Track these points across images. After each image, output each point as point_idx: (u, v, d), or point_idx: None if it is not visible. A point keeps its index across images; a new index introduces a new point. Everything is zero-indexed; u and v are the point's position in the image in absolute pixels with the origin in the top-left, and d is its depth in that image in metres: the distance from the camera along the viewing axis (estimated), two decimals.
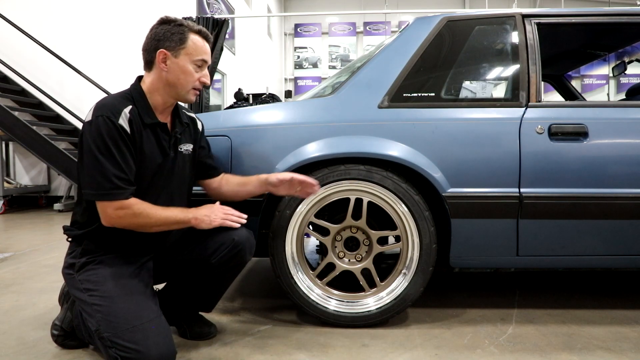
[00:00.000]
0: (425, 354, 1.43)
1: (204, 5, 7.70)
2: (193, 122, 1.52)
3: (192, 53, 1.33)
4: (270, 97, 5.97)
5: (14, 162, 5.54)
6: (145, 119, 1.33)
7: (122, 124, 1.27)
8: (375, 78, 1.67)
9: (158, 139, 1.37)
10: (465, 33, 1.72)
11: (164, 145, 1.38)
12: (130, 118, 1.29)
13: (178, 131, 1.42)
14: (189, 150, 1.47)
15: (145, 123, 1.33)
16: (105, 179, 1.23)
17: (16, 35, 5.16)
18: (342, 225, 1.66)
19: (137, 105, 1.34)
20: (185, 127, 1.47)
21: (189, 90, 1.35)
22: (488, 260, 1.63)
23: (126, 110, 1.29)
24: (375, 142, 1.58)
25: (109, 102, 1.30)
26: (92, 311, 1.25)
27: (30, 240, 3.31)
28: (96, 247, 1.35)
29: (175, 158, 1.42)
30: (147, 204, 1.30)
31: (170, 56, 1.33)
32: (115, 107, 1.29)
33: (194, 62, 1.34)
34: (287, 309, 1.82)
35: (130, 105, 1.32)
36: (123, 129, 1.27)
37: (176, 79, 1.34)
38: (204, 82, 1.37)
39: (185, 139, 1.46)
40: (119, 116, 1.27)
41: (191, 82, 1.35)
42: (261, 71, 11.72)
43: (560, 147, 1.57)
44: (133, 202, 1.27)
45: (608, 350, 1.45)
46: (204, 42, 1.37)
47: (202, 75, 1.36)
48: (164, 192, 1.42)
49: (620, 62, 2.73)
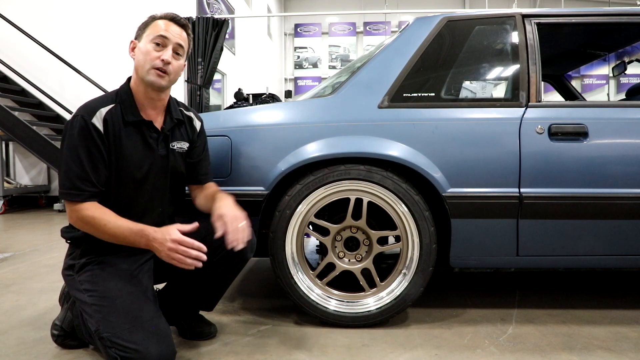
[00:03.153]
0: (425, 354, 1.43)
1: (204, 5, 7.70)
2: (189, 120, 1.51)
3: (150, 33, 1.34)
4: (270, 97, 5.97)
5: (14, 162, 5.54)
6: (127, 116, 1.34)
7: (95, 123, 1.28)
8: (375, 78, 1.67)
9: (144, 137, 1.36)
10: (465, 33, 1.72)
11: (150, 143, 1.37)
12: (105, 118, 1.30)
13: (166, 128, 1.41)
14: (183, 148, 1.46)
15: (126, 121, 1.33)
16: (67, 179, 1.26)
17: (16, 35, 5.16)
18: (342, 225, 1.66)
19: (122, 104, 1.35)
20: (178, 125, 1.45)
21: (148, 69, 1.32)
22: (488, 260, 1.63)
23: (103, 110, 1.30)
24: (375, 142, 1.58)
25: (89, 103, 1.33)
26: (92, 311, 1.25)
27: (30, 240, 3.31)
28: (95, 247, 1.35)
29: (167, 156, 1.41)
30: (105, 213, 1.27)
31: (137, 43, 1.37)
32: (93, 107, 1.31)
33: (152, 41, 1.33)
34: (287, 309, 1.82)
35: (111, 105, 1.33)
36: (95, 128, 1.28)
37: (138, 61, 1.35)
38: (165, 60, 1.32)
39: (179, 136, 1.45)
40: (93, 116, 1.28)
41: (149, 60, 1.32)
42: (261, 71, 11.72)
43: (560, 147, 1.57)
44: (85, 206, 1.26)
45: (608, 350, 1.45)
46: (168, 23, 1.35)
47: (162, 54, 1.32)
48: (159, 192, 1.42)
49: (620, 62, 2.73)
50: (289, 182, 1.62)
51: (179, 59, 1.37)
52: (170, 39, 1.34)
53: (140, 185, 1.37)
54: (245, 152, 1.62)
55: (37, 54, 5.25)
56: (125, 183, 1.34)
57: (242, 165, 1.62)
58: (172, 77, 1.36)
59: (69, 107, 5.21)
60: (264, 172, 1.59)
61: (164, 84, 1.34)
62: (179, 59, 1.37)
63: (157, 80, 1.32)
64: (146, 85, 1.35)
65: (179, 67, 1.38)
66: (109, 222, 1.26)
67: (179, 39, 1.36)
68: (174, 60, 1.35)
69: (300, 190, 1.58)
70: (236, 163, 1.62)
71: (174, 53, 1.35)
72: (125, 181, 1.34)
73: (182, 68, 1.41)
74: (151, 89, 1.35)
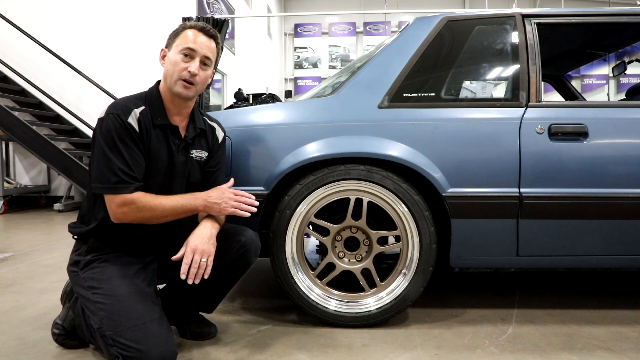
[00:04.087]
0: (425, 354, 1.43)
1: (204, 5, 7.70)
2: (212, 130, 1.51)
3: (179, 44, 1.35)
4: (270, 97, 5.97)
5: (14, 162, 5.54)
6: (156, 119, 1.36)
7: (131, 122, 1.30)
8: (375, 78, 1.67)
9: (168, 141, 1.38)
10: (465, 33, 1.72)
11: (172, 149, 1.39)
12: (139, 118, 1.32)
13: (189, 136, 1.42)
14: (201, 157, 1.46)
15: (155, 124, 1.35)
16: (111, 173, 1.27)
17: (16, 35, 5.16)
18: (342, 225, 1.66)
19: (151, 106, 1.37)
20: (200, 134, 1.46)
21: (175, 80, 1.34)
22: (488, 260, 1.63)
23: (137, 111, 1.33)
24: (375, 142, 1.58)
25: (122, 102, 1.35)
26: (95, 309, 1.25)
27: (30, 240, 3.31)
28: (102, 245, 1.37)
29: (185, 163, 1.42)
30: (151, 196, 1.31)
31: (167, 52, 1.39)
32: (127, 106, 1.32)
33: (180, 51, 1.35)
34: (287, 309, 1.83)
35: (143, 107, 1.35)
36: (132, 127, 1.30)
37: (166, 70, 1.37)
38: (192, 72, 1.33)
39: (198, 145, 1.46)
40: (129, 115, 1.31)
41: (177, 71, 1.34)
42: (261, 71, 11.72)
43: (560, 147, 1.57)
44: (137, 196, 1.29)
45: (608, 350, 1.45)
46: (196, 33, 1.36)
47: (189, 66, 1.34)
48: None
49: (620, 62, 2.73)
50: (289, 182, 1.62)
51: (206, 70, 1.39)
52: (197, 51, 1.35)
53: (160, 187, 1.38)
54: (245, 152, 1.62)
55: (37, 54, 5.25)
56: (149, 183, 1.36)
57: (242, 165, 1.62)
58: (199, 88, 1.38)
59: (69, 107, 5.20)
60: (264, 172, 1.60)
61: (190, 94, 1.36)
62: (206, 69, 1.39)
63: (183, 91, 1.35)
64: (173, 95, 1.37)
65: (206, 77, 1.40)
66: (162, 199, 1.31)
67: (207, 51, 1.37)
68: (201, 71, 1.37)
69: (300, 190, 1.58)
70: (236, 163, 1.62)
71: (201, 64, 1.37)
72: (149, 181, 1.36)
73: (210, 77, 1.43)
74: (178, 98, 1.37)
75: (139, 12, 5.76)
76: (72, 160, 4.63)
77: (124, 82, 5.37)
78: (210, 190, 1.39)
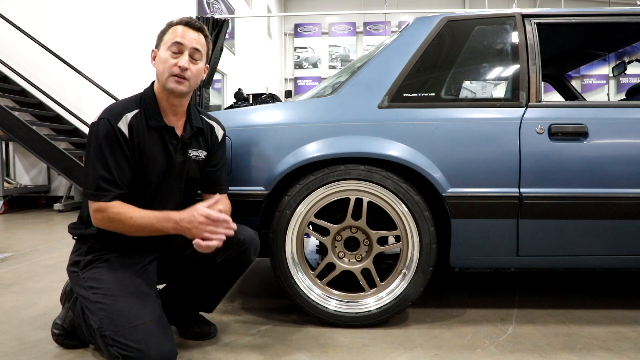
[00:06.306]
0: (425, 354, 1.43)
1: (204, 5, 7.70)
2: (210, 129, 1.50)
3: (167, 41, 1.35)
4: (270, 97, 5.98)
5: (14, 162, 5.54)
6: (151, 121, 1.35)
7: (121, 127, 1.29)
8: (375, 78, 1.67)
9: (164, 143, 1.38)
10: (465, 33, 1.72)
11: (169, 149, 1.38)
12: (130, 123, 1.31)
13: (186, 135, 1.42)
14: (200, 157, 1.46)
15: (150, 126, 1.35)
16: (92, 179, 1.27)
17: (16, 35, 5.16)
18: (342, 225, 1.66)
19: (146, 108, 1.36)
20: (197, 132, 1.45)
21: (167, 77, 1.34)
22: (488, 260, 1.63)
23: (129, 115, 1.32)
24: (375, 142, 1.58)
25: (115, 106, 1.34)
26: (95, 309, 1.25)
27: (30, 240, 3.31)
28: (102, 245, 1.37)
29: (184, 163, 1.42)
30: (126, 208, 1.28)
31: (157, 52, 1.38)
32: (119, 111, 1.32)
33: (168, 48, 1.34)
34: (287, 309, 1.83)
35: (137, 110, 1.34)
36: (121, 132, 1.29)
37: (158, 69, 1.37)
38: (182, 66, 1.33)
39: (196, 144, 1.45)
40: (119, 120, 1.30)
41: (167, 68, 1.33)
42: (261, 71, 11.73)
43: (560, 147, 1.57)
44: (111, 205, 1.27)
45: (608, 350, 1.45)
46: (182, 28, 1.36)
47: (179, 61, 1.33)
48: (173, 198, 1.43)
49: (620, 62, 2.73)
50: (289, 182, 1.62)
51: (197, 63, 1.38)
52: (185, 44, 1.35)
53: (158, 189, 1.38)
54: (245, 152, 1.62)
55: (37, 54, 5.25)
56: (144, 186, 1.35)
57: (242, 165, 1.62)
58: (192, 82, 1.37)
59: (69, 107, 5.20)
60: (264, 172, 1.60)
61: (184, 89, 1.35)
62: (196, 63, 1.38)
63: (176, 87, 1.34)
64: (168, 93, 1.36)
65: (198, 71, 1.39)
66: (134, 214, 1.28)
67: (195, 44, 1.36)
68: (191, 65, 1.36)
69: (300, 190, 1.58)
70: (236, 163, 1.62)
71: (190, 58, 1.36)
72: (145, 184, 1.36)
73: (202, 71, 1.42)
74: (173, 95, 1.37)
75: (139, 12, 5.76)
76: (72, 160, 4.63)
77: (124, 82, 5.37)
78: (183, 211, 1.28)
